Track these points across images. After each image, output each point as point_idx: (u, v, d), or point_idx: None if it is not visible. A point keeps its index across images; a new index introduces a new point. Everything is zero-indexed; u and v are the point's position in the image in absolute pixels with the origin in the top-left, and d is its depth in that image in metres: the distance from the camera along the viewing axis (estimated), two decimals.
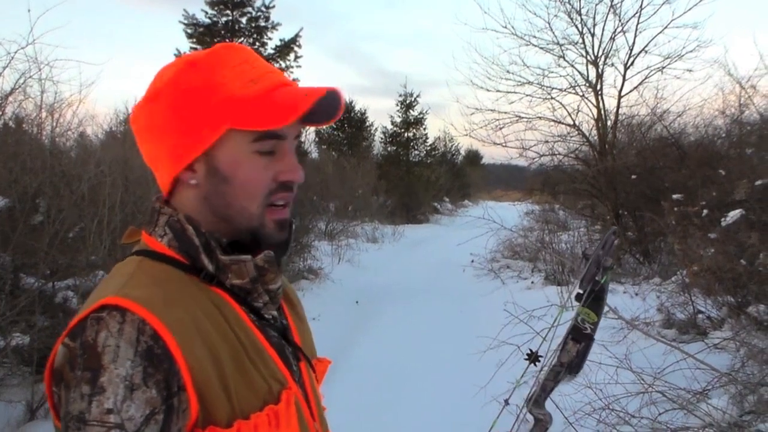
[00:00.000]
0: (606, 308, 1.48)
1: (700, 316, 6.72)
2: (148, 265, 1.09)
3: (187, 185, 1.15)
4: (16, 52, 6.43)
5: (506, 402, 1.51)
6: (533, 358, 1.46)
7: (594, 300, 1.45)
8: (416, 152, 34.79)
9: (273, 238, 1.16)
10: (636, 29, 13.23)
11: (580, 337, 1.47)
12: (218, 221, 1.14)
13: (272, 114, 1.08)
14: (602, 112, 13.74)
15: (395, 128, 34.46)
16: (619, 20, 13.38)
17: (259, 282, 1.14)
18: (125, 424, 0.89)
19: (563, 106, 14.10)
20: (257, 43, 15.11)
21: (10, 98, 6.72)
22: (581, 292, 1.44)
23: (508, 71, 14.29)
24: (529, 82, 14.21)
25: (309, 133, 22.61)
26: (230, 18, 15.04)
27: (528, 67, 14.28)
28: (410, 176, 32.70)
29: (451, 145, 44.60)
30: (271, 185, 1.13)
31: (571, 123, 13.98)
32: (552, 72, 14.20)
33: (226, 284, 1.12)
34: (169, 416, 0.94)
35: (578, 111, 13.96)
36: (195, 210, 1.15)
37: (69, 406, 0.91)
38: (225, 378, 1.01)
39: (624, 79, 13.54)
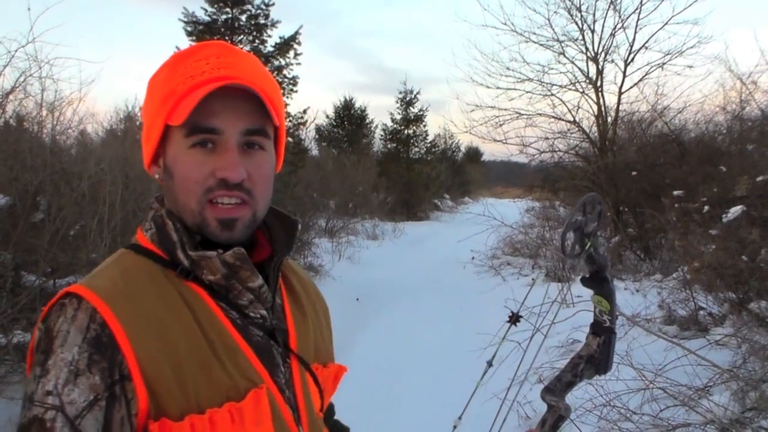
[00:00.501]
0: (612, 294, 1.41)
1: (701, 312, 6.71)
2: (126, 258, 1.12)
3: (158, 180, 1.19)
4: (16, 51, 6.45)
5: (489, 363, 1.49)
6: (514, 319, 1.45)
7: (599, 282, 1.40)
8: (416, 149, 34.78)
9: (217, 236, 1.13)
10: (636, 25, 13.23)
11: (599, 331, 1.41)
12: (180, 216, 1.15)
13: (182, 108, 1.07)
14: (602, 108, 13.73)
15: (395, 125, 34.45)
16: (619, 16, 13.38)
17: (235, 279, 1.13)
18: (65, 407, 0.91)
19: (563, 102, 14.10)
20: (257, 41, 15.08)
21: (11, 96, 6.74)
22: (585, 275, 1.40)
23: (508, 68, 14.29)
24: (529, 79, 14.21)
25: (309, 131, 22.57)
26: (230, 16, 15.01)
27: (528, 63, 14.30)
28: (410, 173, 32.69)
29: (452, 142, 44.65)
30: (209, 181, 1.11)
31: (572, 119, 13.98)
32: (552, 68, 14.21)
33: (204, 280, 1.12)
34: (112, 403, 0.95)
35: (578, 107, 13.97)
36: (168, 205, 1.18)
37: (27, 386, 0.95)
38: (181, 372, 1.01)
39: (624, 76, 13.54)
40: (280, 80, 15.19)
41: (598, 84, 13.70)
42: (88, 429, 0.92)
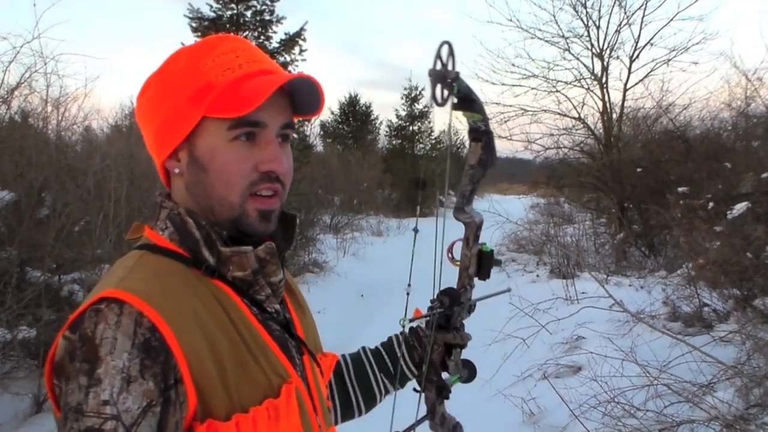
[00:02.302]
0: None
1: (705, 309, 6.70)
2: (148, 258, 1.09)
3: (175, 175, 1.16)
4: (21, 47, 6.46)
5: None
6: (421, 183, 1.63)
7: (468, 103, 1.45)
8: (421, 145, 34.76)
9: (255, 228, 1.14)
10: (641, 22, 13.22)
11: (479, 135, 1.51)
12: (204, 212, 1.14)
13: (239, 101, 1.06)
14: (607, 105, 13.72)
15: (400, 121, 34.47)
16: (625, 13, 13.37)
17: (261, 274, 1.14)
18: (122, 416, 0.89)
19: (568, 99, 14.10)
20: (262, 37, 15.06)
21: (16, 92, 6.74)
22: (454, 101, 1.44)
23: (513, 64, 14.29)
24: (534, 75, 14.20)
25: (314, 127, 22.64)
26: (235, 12, 15.00)
27: (533, 60, 14.27)
28: (415, 169, 32.67)
29: (457, 139, 44.58)
30: (252, 175, 1.12)
31: (577, 116, 13.97)
32: (557, 65, 14.21)
33: (227, 277, 1.12)
34: (167, 408, 0.93)
35: (583, 104, 13.96)
36: (184, 201, 1.15)
37: (68, 398, 0.91)
38: (224, 372, 1.01)
39: (629, 72, 13.53)
40: None
41: (603, 80, 13.68)
42: None
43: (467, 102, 1.45)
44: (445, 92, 1.36)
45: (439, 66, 1.37)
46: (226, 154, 1.10)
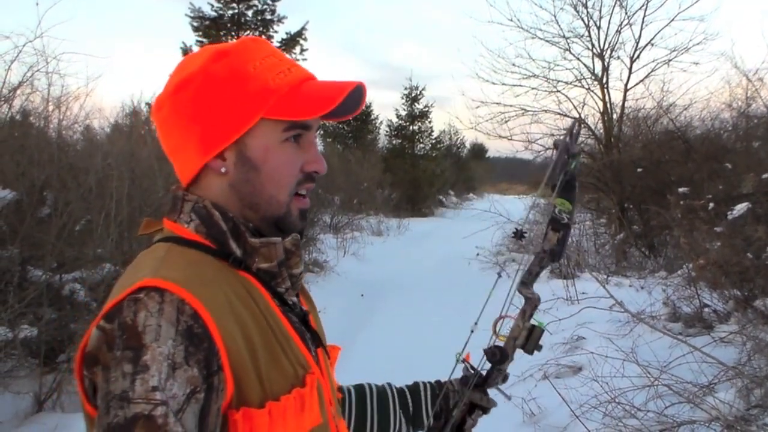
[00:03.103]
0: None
1: (706, 309, 6.71)
2: (178, 250, 1.10)
3: (215, 173, 1.16)
4: (24, 45, 6.45)
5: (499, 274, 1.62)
6: (519, 234, 1.61)
7: (567, 188, 1.54)
8: (421, 145, 34.78)
9: (296, 226, 1.20)
10: (642, 22, 13.23)
11: (558, 227, 1.56)
12: (244, 209, 1.16)
13: (306, 105, 1.12)
14: (608, 105, 13.73)
15: (400, 121, 34.47)
16: (626, 13, 13.38)
17: (285, 266, 1.17)
18: (169, 402, 0.89)
19: (569, 99, 14.12)
20: (263, 37, 15.09)
21: (18, 91, 6.74)
22: (555, 183, 1.53)
23: (513, 64, 14.31)
24: (535, 75, 14.22)
25: None
26: (236, 11, 15.02)
27: (534, 60, 14.29)
28: (415, 169, 32.67)
29: (456, 138, 44.61)
30: (299, 175, 1.17)
31: (577, 116, 13.95)
32: (558, 65, 14.22)
33: (252, 269, 1.13)
34: (210, 395, 0.95)
35: (584, 104, 13.98)
36: (221, 198, 1.16)
37: (110, 386, 0.90)
38: (257, 360, 1.03)
39: (630, 72, 13.54)
40: None
41: (604, 81, 13.69)
42: (188, 423, 0.90)
43: (570, 188, 1.54)
44: (557, 169, 1.49)
45: (569, 139, 1.51)
46: (280, 154, 1.15)
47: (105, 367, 0.93)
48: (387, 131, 35.28)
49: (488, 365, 1.60)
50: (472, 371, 1.61)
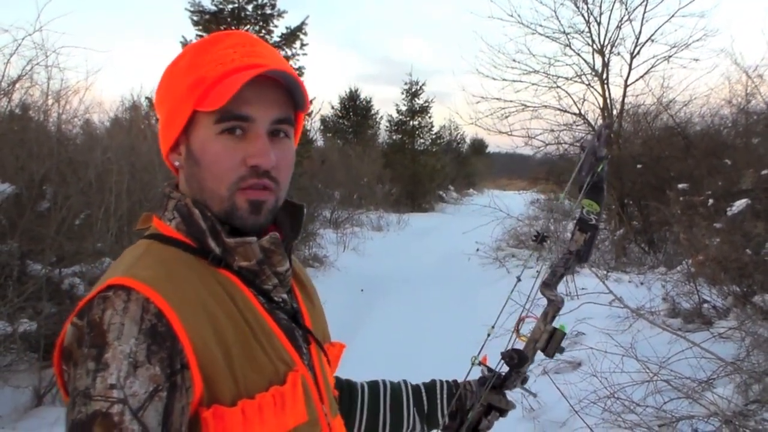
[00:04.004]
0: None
1: (705, 305, 6.71)
2: (156, 247, 1.11)
3: (178, 167, 1.19)
4: (23, 39, 6.44)
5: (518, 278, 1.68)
6: (540, 238, 1.62)
7: (595, 190, 1.56)
8: (421, 141, 34.79)
9: (245, 221, 1.14)
10: (642, 18, 13.18)
11: (586, 228, 1.57)
12: (211, 203, 1.14)
13: (217, 94, 1.08)
14: (608, 101, 13.70)
15: (401, 116, 34.47)
16: (626, 9, 13.33)
17: (267, 264, 1.15)
18: (128, 400, 0.90)
19: (569, 95, 14.08)
20: (263, 31, 15.05)
21: (17, 85, 6.73)
22: (582, 184, 1.57)
23: (514, 60, 14.25)
24: (535, 71, 14.17)
25: (314, 121, 22.59)
26: (236, 5, 14.98)
27: (534, 55, 14.25)
28: (415, 165, 32.68)
29: (457, 134, 44.62)
30: (241, 169, 1.12)
31: (577, 112, 13.96)
32: (558, 61, 14.16)
33: (233, 267, 1.13)
34: (173, 393, 0.95)
35: (584, 100, 13.94)
36: (188, 194, 1.17)
37: (76, 382, 0.92)
38: (230, 358, 1.02)
39: (630, 68, 13.50)
40: None
41: (604, 76, 13.67)
42: (150, 421, 0.91)
43: (597, 189, 1.56)
44: (584, 171, 1.53)
45: (597, 142, 1.54)
46: (214, 147, 1.11)
47: (75, 363, 0.95)
48: (387, 126, 35.34)
49: (506, 367, 1.59)
50: (490, 373, 1.60)
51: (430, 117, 34.61)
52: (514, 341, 1.58)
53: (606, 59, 13.64)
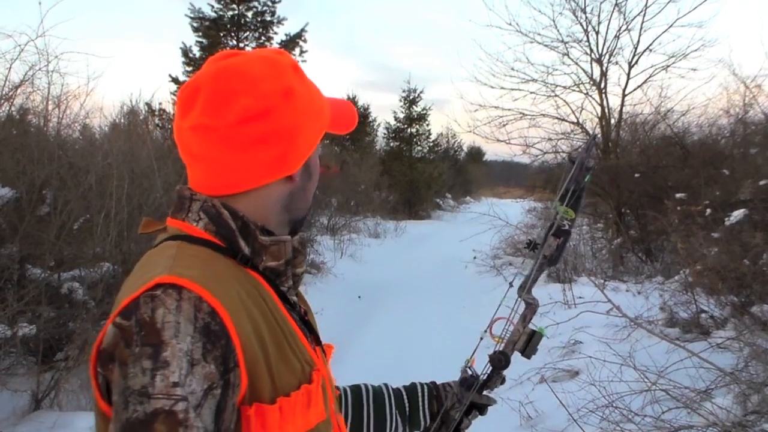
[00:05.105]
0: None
1: (703, 315, 6.72)
2: (187, 247, 1.10)
3: (279, 183, 1.19)
4: (26, 44, 6.44)
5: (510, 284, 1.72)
6: (532, 246, 1.66)
7: (576, 199, 1.63)
8: (419, 148, 34.84)
9: (302, 224, 1.29)
10: (641, 28, 13.26)
11: (559, 233, 1.63)
12: (281, 212, 1.21)
13: (345, 120, 1.30)
14: (606, 110, 13.75)
15: (398, 124, 34.51)
16: (624, 18, 13.40)
17: (291, 265, 1.19)
18: (188, 398, 0.90)
19: (567, 103, 14.14)
20: (263, 38, 15.09)
21: (18, 90, 6.73)
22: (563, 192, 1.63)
23: (512, 68, 14.33)
24: (533, 80, 14.24)
25: None
26: (236, 12, 15.03)
27: (532, 64, 14.31)
28: (413, 172, 32.69)
29: (454, 142, 44.64)
30: None
31: (575, 121, 14.01)
32: (556, 69, 14.24)
33: (259, 267, 1.15)
34: (226, 391, 0.96)
35: (582, 109, 14.00)
36: (265, 209, 1.19)
37: (128, 381, 0.90)
38: (268, 357, 1.04)
39: (628, 78, 13.56)
40: None
41: (602, 86, 13.72)
42: (205, 418, 0.91)
43: (578, 198, 1.63)
44: (573, 181, 1.61)
45: (585, 153, 1.62)
46: (316, 161, 1.27)
47: (122, 364, 0.93)
48: (385, 133, 35.36)
49: (489, 368, 1.64)
50: (471, 374, 1.65)
51: (428, 124, 34.70)
52: (496, 345, 1.63)
53: (604, 68, 13.71)
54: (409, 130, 34.29)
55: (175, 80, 16.60)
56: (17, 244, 5.30)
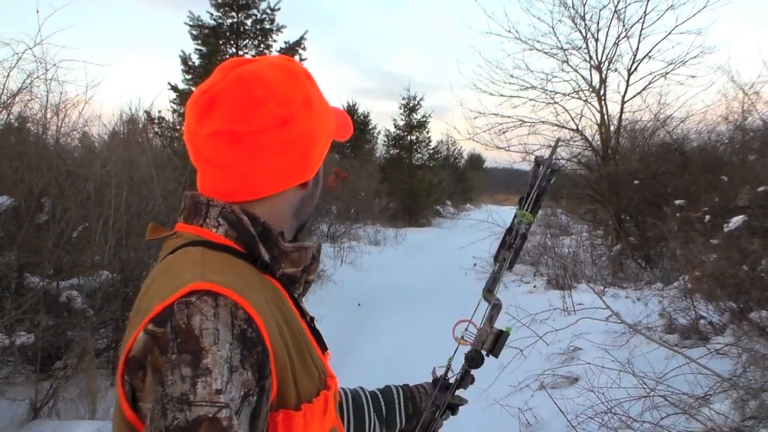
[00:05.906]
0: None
1: (702, 321, 6.71)
2: (212, 254, 1.09)
3: (293, 189, 1.22)
4: (24, 53, 6.45)
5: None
6: (495, 255, 1.76)
7: (538, 203, 1.70)
8: (419, 155, 34.83)
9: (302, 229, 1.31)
10: (640, 35, 13.25)
11: (516, 237, 1.71)
12: (290, 218, 1.23)
13: (345, 127, 1.34)
14: (605, 117, 13.75)
15: (398, 131, 34.52)
16: (623, 26, 13.40)
17: (306, 271, 1.20)
18: (230, 405, 0.90)
19: (566, 110, 14.12)
20: (262, 46, 15.12)
21: (17, 98, 6.73)
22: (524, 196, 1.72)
23: (511, 75, 14.31)
24: (533, 87, 14.22)
25: None
26: (235, 20, 15.07)
27: (532, 71, 14.29)
28: (413, 179, 32.69)
29: (454, 149, 44.66)
30: None
31: (575, 128, 14.00)
32: (556, 76, 14.23)
33: (276, 274, 1.15)
34: (261, 398, 0.96)
35: (581, 116, 13.98)
36: (281, 214, 1.21)
37: (167, 389, 0.89)
38: (293, 363, 1.05)
39: (627, 85, 13.55)
40: None
41: (602, 92, 13.72)
42: (243, 424, 0.91)
43: (538, 204, 1.71)
44: (548, 173, 1.68)
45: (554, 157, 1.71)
46: (321, 168, 1.28)
47: (156, 371, 0.92)
48: (385, 141, 35.36)
49: (459, 370, 1.70)
50: (441, 375, 1.72)
51: (427, 132, 34.70)
52: (458, 346, 1.71)
53: (603, 75, 13.71)
54: (408, 137, 34.30)
55: (174, 88, 16.62)
56: (15, 252, 5.29)
